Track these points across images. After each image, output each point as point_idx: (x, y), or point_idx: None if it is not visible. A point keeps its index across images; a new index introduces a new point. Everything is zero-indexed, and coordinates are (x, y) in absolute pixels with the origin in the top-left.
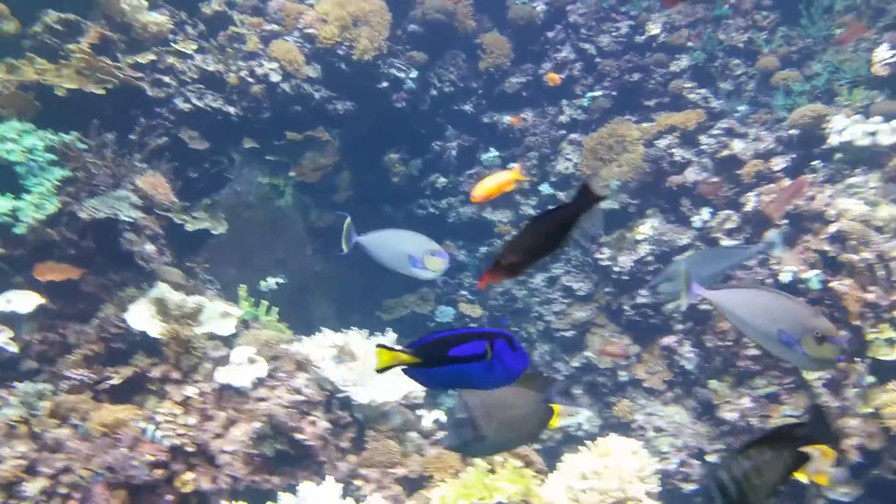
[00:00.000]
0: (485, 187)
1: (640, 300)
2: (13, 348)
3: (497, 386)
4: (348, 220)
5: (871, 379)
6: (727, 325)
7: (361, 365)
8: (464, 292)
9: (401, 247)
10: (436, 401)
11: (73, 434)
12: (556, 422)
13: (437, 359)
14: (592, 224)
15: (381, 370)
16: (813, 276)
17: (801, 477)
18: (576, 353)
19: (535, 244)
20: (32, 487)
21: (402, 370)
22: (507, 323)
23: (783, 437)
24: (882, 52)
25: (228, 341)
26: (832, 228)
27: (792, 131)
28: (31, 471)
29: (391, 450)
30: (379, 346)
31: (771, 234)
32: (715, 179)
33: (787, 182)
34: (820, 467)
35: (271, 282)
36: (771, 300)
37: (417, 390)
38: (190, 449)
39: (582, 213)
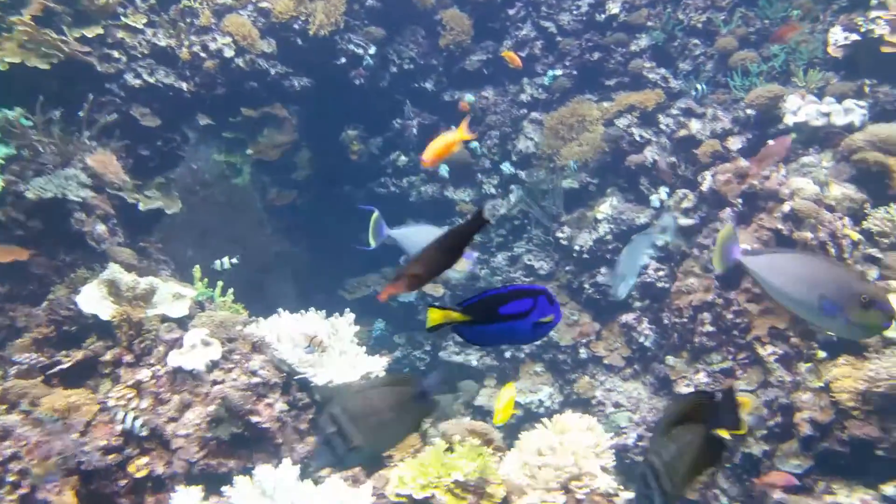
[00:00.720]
0: (433, 150)
1: (600, 278)
2: None
3: (538, 339)
4: (376, 213)
5: (822, 354)
6: (683, 302)
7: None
8: None
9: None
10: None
11: (24, 420)
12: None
13: (487, 316)
14: (553, 204)
15: (431, 329)
16: None
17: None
18: None
19: (437, 259)
20: None
21: (453, 328)
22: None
23: (693, 416)
24: (837, 34)
25: (182, 323)
26: (786, 207)
27: (749, 111)
28: None
29: None
30: (430, 305)
31: (665, 219)
32: (672, 159)
33: (742, 162)
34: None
35: (225, 261)
36: (811, 264)
37: (377, 370)
38: (143, 433)
39: (475, 234)
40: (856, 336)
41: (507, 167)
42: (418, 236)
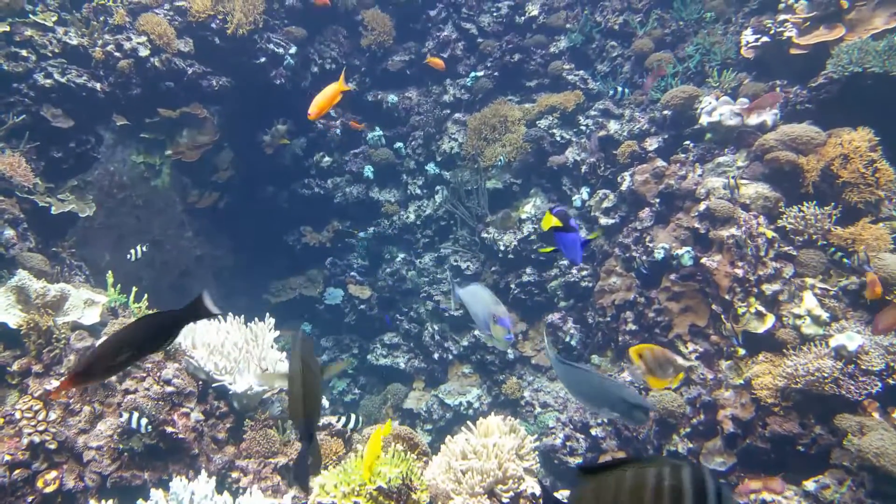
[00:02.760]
0: (318, 104)
1: (525, 278)
2: None
3: (582, 255)
4: (453, 279)
5: (741, 351)
6: (606, 301)
7: (237, 353)
8: (353, 273)
9: (476, 307)
10: (328, 385)
11: None
12: None
13: (568, 228)
14: (478, 204)
15: (546, 231)
16: (685, 253)
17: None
18: (465, 332)
19: (137, 339)
20: None
21: (552, 228)
22: (389, 322)
23: None
24: (748, 36)
25: (95, 330)
26: (702, 206)
27: (665, 112)
28: None
29: (270, 439)
30: (548, 210)
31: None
32: (592, 160)
33: (659, 162)
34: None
35: (138, 249)
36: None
37: None
38: (52, 446)
39: (189, 322)
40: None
41: (431, 168)
42: (467, 297)
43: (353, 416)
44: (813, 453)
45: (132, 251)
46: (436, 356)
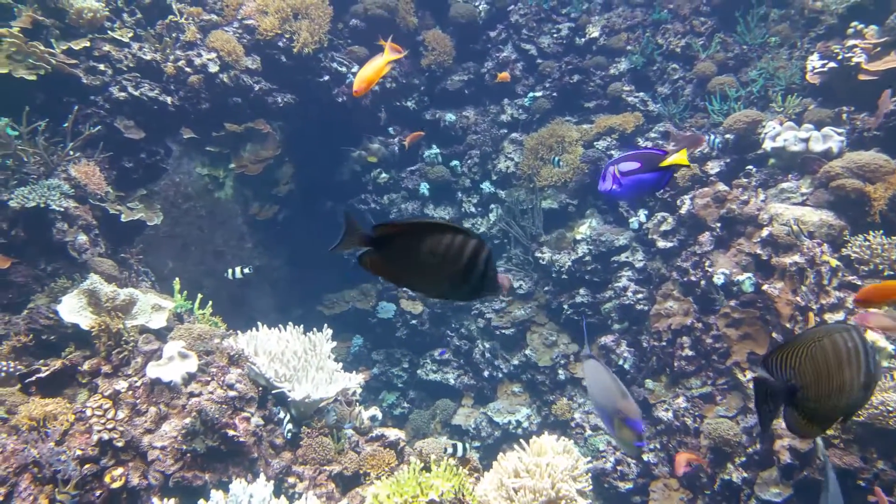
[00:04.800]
0: (363, 78)
1: (579, 299)
2: None
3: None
4: (588, 353)
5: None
6: (662, 325)
7: (296, 361)
8: (405, 288)
9: (599, 395)
10: (378, 397)
11: (0, 427)
12: None
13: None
14: (533, 224)
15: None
16: (745, 279)
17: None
18: (516, 351)
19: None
20: None
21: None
22: (444, 354)
23: None
24: (814, 61)
25: (161, 334)
26: (764, 232)
27: (727, 136)
28: None
29: (325, 447)
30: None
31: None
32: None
33: (721, 186)
34: None
35: (238, 271)
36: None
37: (353, 386)
38: (119, 444)
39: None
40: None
41: (487, 186)
42: (592, 377)
43: (460, 445)
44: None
45: (230, 270)
46: (485, 374)
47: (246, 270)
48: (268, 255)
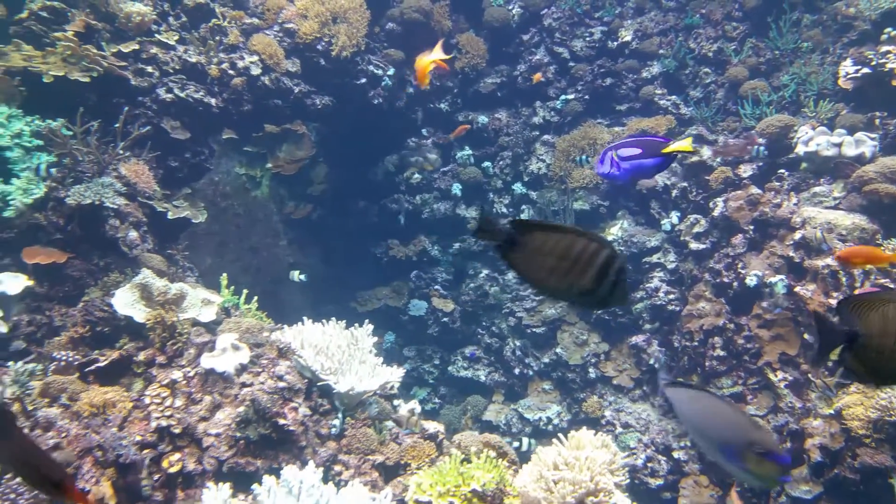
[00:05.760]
0: (420, 73)
1: None
2: (3, 328)
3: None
4: (663, 361)
5: (832, 381)
6: (694, 326)
7: (340, 355)
8: (437, 287)
9: (715, 427)
10: (409, 393)
11: (63, 413)
12: None
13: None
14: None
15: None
16: (778, 281)
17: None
18: (547, 349)
19: None
20: None
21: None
22: (473, 357)
23: None
24: (847, 67)
25: (210, 328)
26: (797, 235)
27: (760, 140)
28: None
29: (369, 437)
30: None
31: None
32: (683, 184)
33: (754, 189)
34: None
35: (295, 275)
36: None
37: (395, 380)
38: (176, 431)
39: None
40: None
41: (518, 187)
42: (692, 405)
43: (525, 440)
44: None
45: (295, 272)
46: (516, 371)
47: (302, 277)
48: (302, 252)
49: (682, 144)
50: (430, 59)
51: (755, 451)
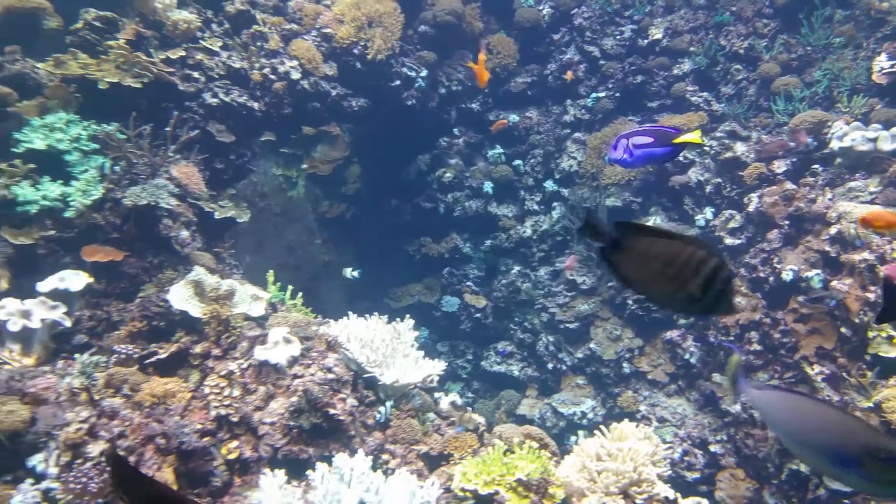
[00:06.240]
0: (481, 79)
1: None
2: (67, 323)
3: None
4: (736, 356)
5: (870, 375)
6: (730, 320)
7: (384, 348)
8: (469, 283)
9: (814, 432)
10: (443, 387)
11: (126, 402)
12: None
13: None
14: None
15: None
16: (814, 276)
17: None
18: (580, 344)
19: None
20: (95, 449)
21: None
22: (504, 354)
23: None
24: (882, 62)
25: (259, 322)
26: (833, 230)
27: (805, 137)
28: (92, 434)
29: (413, 428)
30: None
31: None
32: (717, 179)
33: (789, 185)
34: None
35: (348, 271)
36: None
37: (436, 373)
38: (234, 419)
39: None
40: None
41: (550, 185)
42: (788, 411)
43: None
44: None
45: (348, 269)
46: (549, 366)
47: (355, 273)
48: (336, 250)
49: (692, 136)
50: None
51: (878, 458)
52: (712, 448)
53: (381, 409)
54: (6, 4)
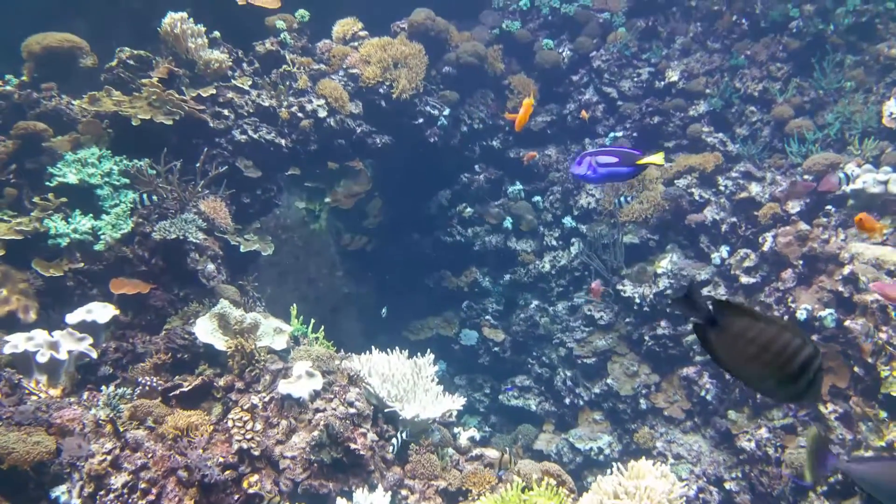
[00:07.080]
0: (519, 122)
1: (660, 331)
2: (94, 354)
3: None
4: (813, 430)
5: (883, 414)
6: None
7: (405, 383)
8: (487, 317)
9: None
10: (460, 421)
11: (149, 435)
12: None
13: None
14: (614, 257)
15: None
16: (827, 315)
17: None
18: (597, 379)
19: None
20: (117, 481)
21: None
22: (511, 391)
23: None
24: (892, 107)
25: (282, 355)
26: (846, 270)
27: (806, 177)
28: (115, 466)
29: (432, 463)
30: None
31: None
32: (733, 219)
33: (802, 225)
34: None
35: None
36: None
37: (455, 409)
38: (256, 453)
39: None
40: None
41: (568, 221)
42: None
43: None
44: None
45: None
46: (567, 401)
47: (383, 311)
48: (356, 283)
49: (654, 158)
50: (526, 108)
51: None
52: (727, 485)
53: (394, 440)
54: (45, 44)
